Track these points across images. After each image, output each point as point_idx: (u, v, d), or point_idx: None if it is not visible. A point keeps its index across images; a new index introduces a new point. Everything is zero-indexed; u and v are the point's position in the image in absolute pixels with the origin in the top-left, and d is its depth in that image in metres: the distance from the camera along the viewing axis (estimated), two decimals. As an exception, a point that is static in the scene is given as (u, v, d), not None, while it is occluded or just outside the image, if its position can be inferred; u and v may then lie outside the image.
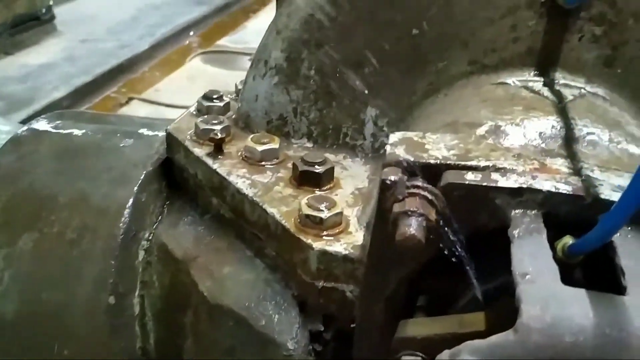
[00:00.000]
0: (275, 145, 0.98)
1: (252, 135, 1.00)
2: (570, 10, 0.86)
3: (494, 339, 0.53)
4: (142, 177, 1.07)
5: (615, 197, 0.63)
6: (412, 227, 0.62)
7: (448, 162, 0.69)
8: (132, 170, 1.07)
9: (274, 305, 0.86)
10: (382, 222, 0.68)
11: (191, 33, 5.48)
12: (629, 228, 0.61)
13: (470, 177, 0.66)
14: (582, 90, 0.85)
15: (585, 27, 0.88)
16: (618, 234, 0.60)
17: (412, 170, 0.69)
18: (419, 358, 0.67)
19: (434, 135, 0.75)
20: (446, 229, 0.66)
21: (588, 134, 0.74)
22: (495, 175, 0.66)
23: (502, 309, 0.66)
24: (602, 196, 0.63)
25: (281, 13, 1.00)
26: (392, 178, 0.67)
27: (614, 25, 0.87)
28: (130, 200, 1.04)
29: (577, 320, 0.51)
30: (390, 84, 0.96)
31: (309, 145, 1.03)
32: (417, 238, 0.61)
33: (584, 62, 0.89)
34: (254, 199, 0.89)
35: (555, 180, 0.65)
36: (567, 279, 0.56)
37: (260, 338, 0.84)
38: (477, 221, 0.66)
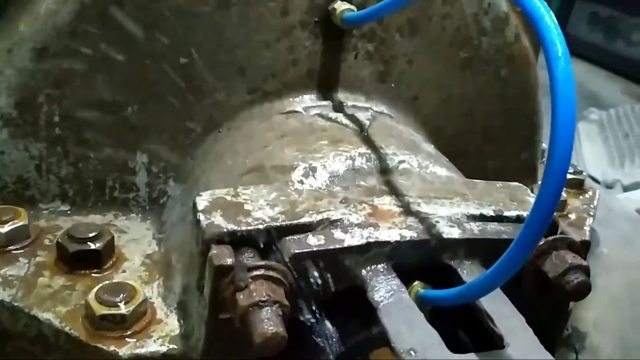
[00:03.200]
0: (22, 220, 0.74)
1: (-17, 213, 0.75)
2: (344, 29, 0.82)
3: None
4: None
5: (455, 233, 0.61)
6: (272, 323, 0.51)
7: (280, 224, 0.59)
8: None
9: None
10: (220, 315, 0.56)
11: None
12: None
13: (314, 241, 0.58)
14: (372, 112, 0.83)
15: (359, 44, 0.85)
16: None
17: (237, 242, 0.58)
18: None
19: (247, 190, 0.64)
20: (300, 305, 0.56)
21: (399, 162, 0.72)
22: (337, 233, 0.59)
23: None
24: (445, 235, 0.61)
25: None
26: (229, 261, 0.54)
27: (383, 40, 0.86)
28: None
29: None
30: (161, 123, 0.80)
31: (65, 208, 0.82)
32: (281, 335, 0.51)
33: (362, 79, 0.87)
34: (15, 304, 0.66)
35: (398, 227, 0.60)
36: None
37: None
38: (327, 287, 0.58)
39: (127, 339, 0.64)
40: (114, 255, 0.74)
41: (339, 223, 0.60)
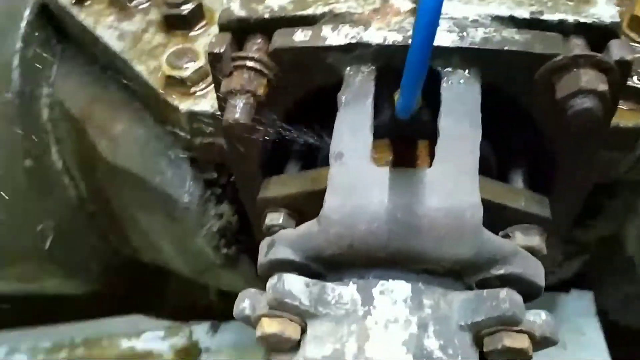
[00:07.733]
0: (142, -21, 0.87)
1: (117, -30, 0.89)
2: None
3: (302, 229, 0.53)
4: (23, 28, 0.98)
5: (447, 40, 0.57)
6: (238, 110, 0.57)
7: (282, 15, 0.61)
8: (7, 23, 0.98)
9: (167, 160, 0.85)
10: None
11: None
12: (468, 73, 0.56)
13: (299, 37, 0.59)
14: None
15: None
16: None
17: (245, 29, 0.62)
18: (283, 213, 0.68)
19: None
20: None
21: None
22: (325, 31, 0.59)
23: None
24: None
25: None
26: (218, 49, 0.60)
27: None
28: (16, 58, 0.97)
29: (372, 207, 0.50)
30: None
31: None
32: (241, 121, 0.57)
33: None
34: (122, 55, 0.83)
35: (387, 29, 0.57)
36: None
37: (159, 196, 0.85)
38: (311, 82, 0.61)
39: (189, 96, 0.77)
40: (204, 19, 0.84)
41: (339, 17, 0.60)
